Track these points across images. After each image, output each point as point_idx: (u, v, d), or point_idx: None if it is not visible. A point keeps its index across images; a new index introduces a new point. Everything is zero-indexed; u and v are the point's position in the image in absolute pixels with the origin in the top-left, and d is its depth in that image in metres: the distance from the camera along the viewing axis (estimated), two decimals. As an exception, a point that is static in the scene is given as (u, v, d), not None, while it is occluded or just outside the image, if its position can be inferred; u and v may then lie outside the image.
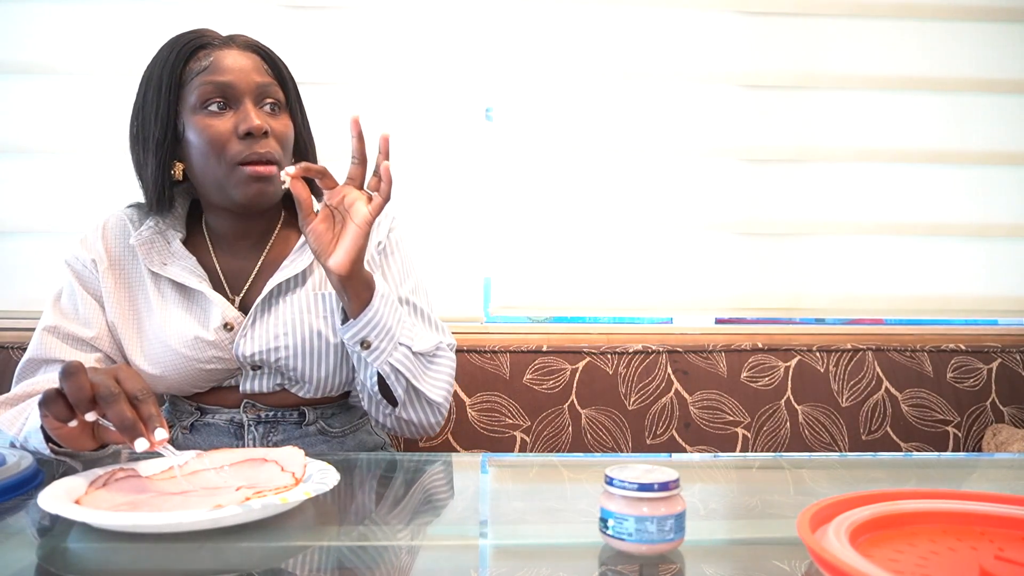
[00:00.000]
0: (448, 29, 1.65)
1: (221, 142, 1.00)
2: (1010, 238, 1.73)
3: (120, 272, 1.09)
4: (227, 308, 1.05)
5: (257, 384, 1.07)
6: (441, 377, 1.08)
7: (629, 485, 0.62)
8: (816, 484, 0.98)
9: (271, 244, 1.12)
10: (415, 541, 0.71)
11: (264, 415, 1.09)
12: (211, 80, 1.00)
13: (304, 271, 1.09)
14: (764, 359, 1.55)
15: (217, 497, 0.69)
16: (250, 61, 1.03)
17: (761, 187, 1.71)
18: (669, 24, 1.68)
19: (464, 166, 1.66)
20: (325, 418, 1.12)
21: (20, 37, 1.60)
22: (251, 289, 1.09)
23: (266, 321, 1.05)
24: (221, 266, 1.10)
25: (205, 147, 1.00)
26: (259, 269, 1.10)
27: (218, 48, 1.03)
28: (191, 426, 1.09)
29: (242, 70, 1.01)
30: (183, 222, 1.12)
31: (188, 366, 1.04)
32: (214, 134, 1.00)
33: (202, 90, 1.00)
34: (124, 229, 1.11)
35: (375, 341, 0.98)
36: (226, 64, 1.01)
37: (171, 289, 1.07)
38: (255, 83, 1.02)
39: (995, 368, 1.57)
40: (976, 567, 0.56)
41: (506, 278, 1.68)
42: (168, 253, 1.08)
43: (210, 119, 1.00)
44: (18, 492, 0.77)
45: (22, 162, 1.61)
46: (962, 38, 1.71)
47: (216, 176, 1.01)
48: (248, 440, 1.08)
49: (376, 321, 0.98)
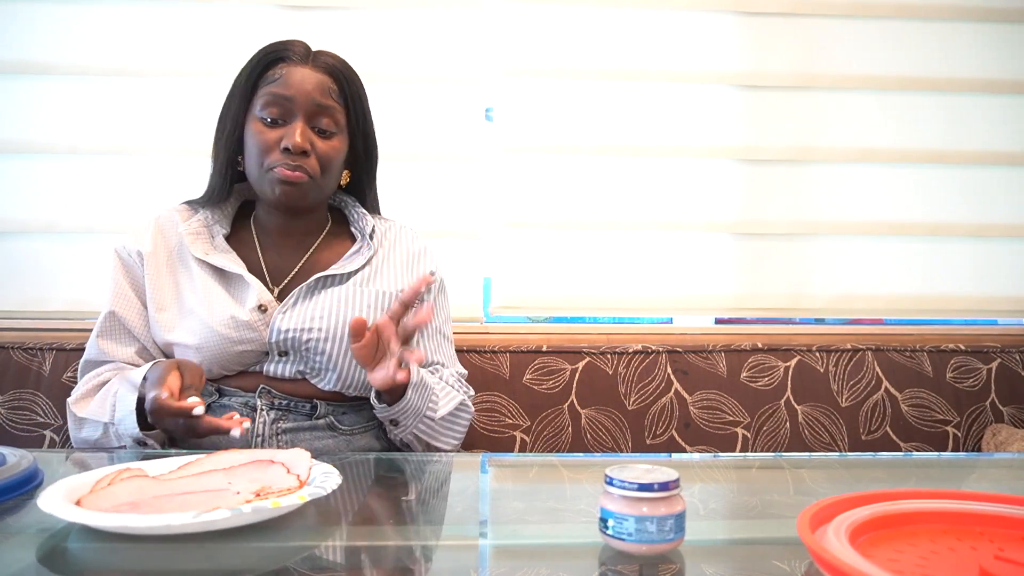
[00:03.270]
0: (448, 29, 1.65)
1: (266, 150, 1.11)
2: (1009, 238, 1.73)
3: (167, 258, 1.17)
4: (263, 291, 1.12)
5: (280, 369, 1.12)
6: (457, 432, 1.17)
7: (629, 485, 0.62)
8: (816, 484, 0.98)
9: (316, 246, 1.20)
10: (415, 541, 0.71)
11: (278, 402, 1.11)
12: (274, 92, 1.11)
13: (349, 272, 1.17)
14: (764, 359, 1.55)
15: (217, 500, 0.69)
16: (318, 82, 1.12)
17: (761, 187, 1.71)
18: (669, 25, 1.69)
19: (464, 166, 1.67)
20: (336, 415, 1.14)
21: (21, 37, 1.60)
22: (291, 282, 1.16)
23: (307, 304, 1.12)
24: (265, 260, 1.18)
25: (253, 150, 1.12)
26: (301, 267, 1.18)
27: (294, 64, 1.12)
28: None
29: (304, 89, 1.11)
30: (229, 221, 1.21)
31: (221, 346, 1.09)
32: (261, 141, 1.11)
33: (265, 99, 1.11)
34: (173, 222, 1.19)
35: (403, 420, 1.09)
36: (293, 80, 1.11)
37: (212, 275, 1.14)
38: (313, 103, 1.11)
39: (995, 368, 1.57)
40: (976, 567, 0.56)
41: (506, 278, 1.68)
42: (211, 246, 1.16)
43: (263, 127, 1.11)
44: (18, 492, 0.77)
45: (22, 162, 1.61)
46: (962, 38, 1.71)
47: (254, 175, 1.14)
48: (259, 424, 1.10)
49: (407, 408, 1.08)
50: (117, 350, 1.16)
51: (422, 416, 1.10)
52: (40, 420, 1.42)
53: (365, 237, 1.20)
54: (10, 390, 1.43)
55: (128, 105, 1.61)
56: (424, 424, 1.11)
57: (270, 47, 1.14)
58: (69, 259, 1.61)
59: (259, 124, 1.11)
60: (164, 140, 1.61)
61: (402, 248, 1.24)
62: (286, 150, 1.09)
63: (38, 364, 1.45)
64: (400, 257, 1.23)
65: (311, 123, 1.11)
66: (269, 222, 1.20)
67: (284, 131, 1.10)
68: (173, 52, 1.61)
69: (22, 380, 1.43)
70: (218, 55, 1.61)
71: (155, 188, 1.60)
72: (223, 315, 1.09)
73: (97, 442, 1.08)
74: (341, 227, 1.25)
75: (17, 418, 1.42)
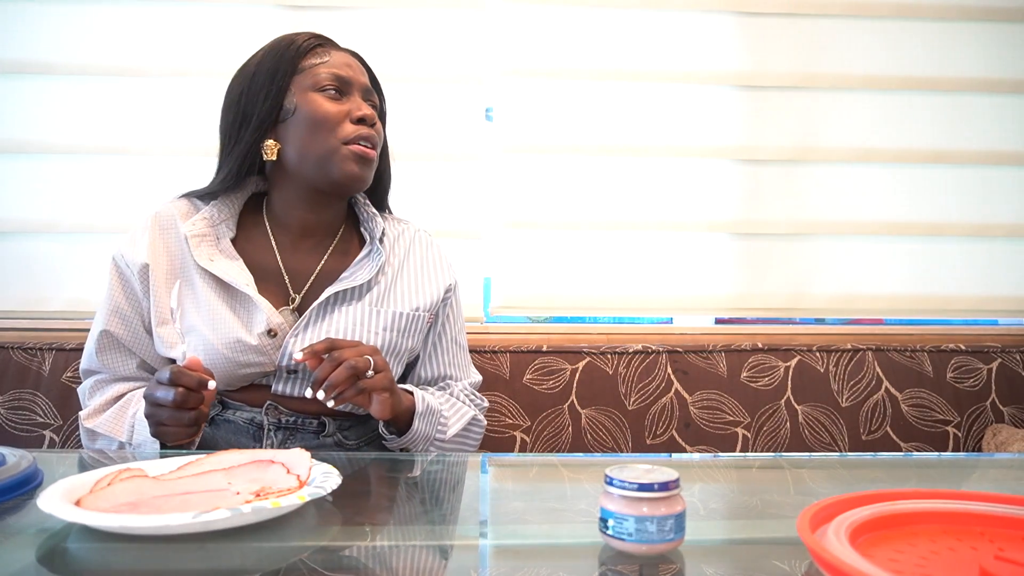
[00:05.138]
0: (448, 29, 1.65)
1: (336, 121, 1.08)
2: (1010, 238, 1.73)
3: (169, 269, 1.10)
4: (272, 314, 1.06)
5: (288, 388, 1.08)
6: (468, 447, 1.19)
7: (629, 485, 0.62)
8: (816, 484, 0.98)
9: (333, 247, 1.16)
10: (415, 541, 0.71)
11: (285, 420, 1.08)
12: (331, 71, 1.10)
13: (363, 285, 1.13)
14: (764, 359, 1.55)
15: (217, 500, 0.69)
16: (360, 66, 1.15)
17: (761, 187, 1.71)
18: (669, 25, 1.69)
19: (464, 166, 1.66)
20: (342, 430, 1.13)
21: (22, 37, 1.60)
22: (310, 292, 1.12)
23: (319, 326, 1.08)
24: (284, 262, 1.13)
25: (318, 123, 1.07)
26: (319, 272, 1.13)
27: (336, 49, 1.14)
28: (212, 419, 1.10)
29: (356, 70, 1.13)
30: (236, 219, 1.14)
31: (225, 366, 1.05)
32: (330, 111, 1.08)
33: (322, 76, 1.09)
34: (173, 221, 1.12)
35: (413, 448, 1.10)
36: (344, 61, 1.12)
37: (217, 288, 1.08)
38: (364, 84, 1.13)
39: (995, 368, 1.57)
40: (976, 567, 0.56)
41: (506, 278, 1.68)
42: (216, 249, 1.10)
43: (327, 100, 1.08)
44: (18, 492, 0.77)
45: (22, 162, 1.61)
46: (962, 38, 1.71)
47: (320, 151, 1.08)
48: (266, 444, 1.08)
49: (416, 437, 1.09)
50: (117, 365, 1.12)
51: (432, 440, 1.11)
52: (40, 420, 1.42)
53: (374, 240, 1.15)
54: (10, 390, 1.43)
55: (128, 105, 1.61)
56: (435, 447, 1.12)
57: (300, 35, 1.13)
58: (69, 259, 1.61)
59: (319, 97, 1.08)
60: (164, 140, 1.61)
61: (416, 257, 1.21)
62: (360, 121, 1.08)
63: (38, 364, 1.45)
64: (414, 269, 1.20)
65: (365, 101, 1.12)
66: (290, 218, 1.14)
67: (349, 105, 1.09)
68: (173, 52, 1.61)
69: (22, 380, 1.43)
70: (218, 55, 1.61)
71: (155, 188, 1.60)
72: (228, 337, 1.04)
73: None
74: (354, 227, 1.21)
75: (17, 418, 1.42)
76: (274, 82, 1.09)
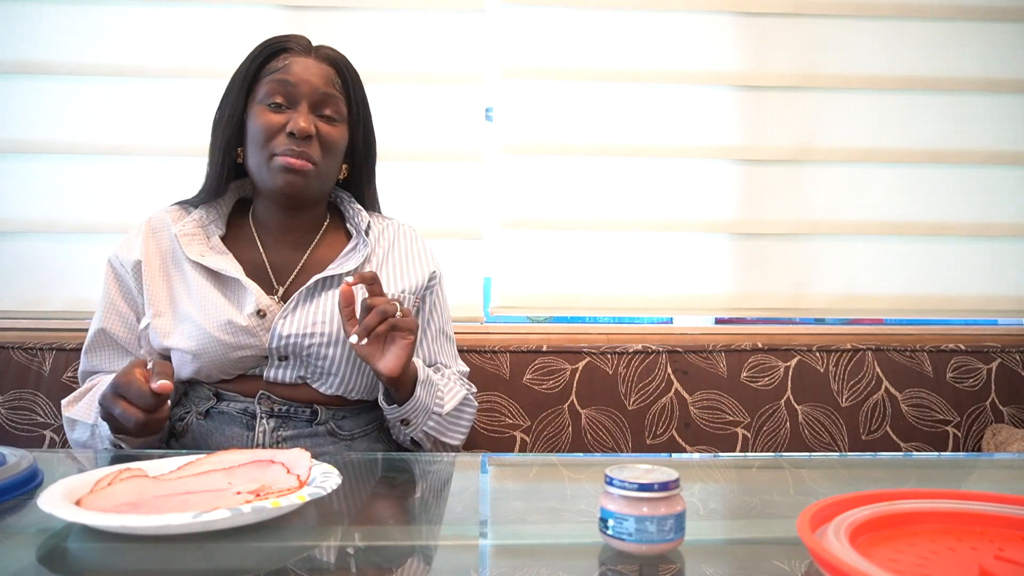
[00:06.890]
0: (448, 29, 1.65)
1: (271, 134, 1.10)
2: (1010, 238, 1.73)
3: (160, 263, 1.15)
4: (261, 295, 1.10)
5: (280, 374, 1.10)
6: (463, 426, 1.19)
7: (629, 485, 0.62)
8: (816, 484, 0.98)
9: (316, 243, 1.19)
10: (415, 541, 0.71)
11: (277, 408, 1.10)
12: (279, 79, 1.11)
13: (349, 272, 1.15)
14: (764, 359, 1.55)
15: (217, 500, 0.69)
16: (321, 72, 1.13)
17: (760, 187, 1.71)
18: (668, 25, 1.69)
19: (464, 166, 1.66)
20: (336, 420, 1.14)
21: (21, 37, 1.60)
22: (294, 282, 1.15)
23: (307, 308, 1.11)
24: (268, 258, 1.16)
25: (257, 135, 1.11)
26: (303, 265, 1.17)
27: (297, 55, 1.13)
28: (206, 412, 1.11)
29: (309, 77, 1.11)
30: (224, 220, 1.19)
31: (219, 352, 1.08)
32: (267, 123, 1.10)
33: (270, 87, 1.11)
34: (165, 224, 1.17)
35: (414, 419, 1.10)
36: (297, 69, 1.11)
37: (209, 278, 1.12)
38: (317, 91, 1.12)
39: (995, 368, 1.57)
40: (976, 567, 0.56)
41: (506, 278, 1.68)
42: (207, 247, 1.14)
43: (268, 112, 1.11)
44: (18, 492, 0.77)
45: (22, 162, 1.61)
46: (962, 38, 1.71)
47: (257, 163, 1.12)
48: (259, 432, 1.09)
49: (417, 406, 1.09)
50: (106, 364, 1.16)
51: (431, 412, 1.11)
52: (40, 420, 1.42)
53: (360, 234, 1.19)
54: (10, 390, 1.43)
55: (128, 105, 1.61)
56: (433, 420, 1.12)
57: (271, 39, 1.15)
58: (69, 259, 1.61)
59: (263, 109, 1.10)
60: (164, 140, 1.61)
61: (401, 248, 1.24)
62: (291, 135, 1.09)
63: (38, 364, 1.45)
64: (399, 257, 1.22)
65: (315, 111, 1.12)
66: (269, 219, 1.18)
67: (289, 116, 1.10)
68: (173, 52, 1.62)
69: (22, 380, 1.44)
70: (218, 55, 1.61)
71: (155, 188, 1.61)
72: (220, 320, 1.08)
73: (86, 443, 1.08)
74: (338, 224, 1.24)
75: (17, 418, 1.42)
76: (240, 91, 1.13)
